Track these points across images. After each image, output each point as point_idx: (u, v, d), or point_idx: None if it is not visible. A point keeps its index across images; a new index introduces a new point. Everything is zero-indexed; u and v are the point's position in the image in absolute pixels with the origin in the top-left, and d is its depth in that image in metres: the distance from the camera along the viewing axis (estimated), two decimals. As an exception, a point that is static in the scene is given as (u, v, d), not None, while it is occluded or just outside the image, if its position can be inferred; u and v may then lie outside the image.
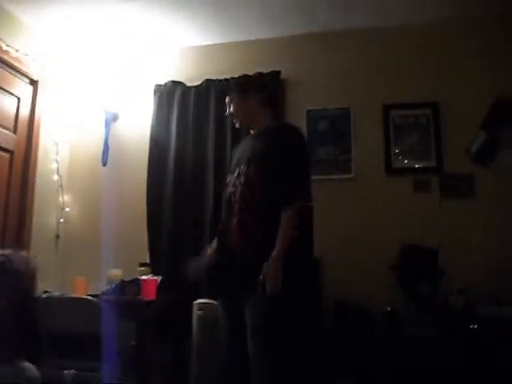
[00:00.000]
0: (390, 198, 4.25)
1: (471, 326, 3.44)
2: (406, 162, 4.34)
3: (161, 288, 4.03)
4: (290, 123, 3.46)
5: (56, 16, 4.46)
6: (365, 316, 3.77)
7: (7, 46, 4.12)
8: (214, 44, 4.88)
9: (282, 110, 4.50)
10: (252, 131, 3.04)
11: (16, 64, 4.26)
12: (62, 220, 4.81)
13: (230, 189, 2.88)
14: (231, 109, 3.04)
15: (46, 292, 3.99)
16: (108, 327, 3.46)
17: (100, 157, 4.86)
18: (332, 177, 4.39)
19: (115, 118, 4.97)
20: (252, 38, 4.76)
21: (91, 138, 4.96)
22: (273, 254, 2.55)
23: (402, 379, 3.42)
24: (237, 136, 4.24)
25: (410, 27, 4.47)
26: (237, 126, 3.06)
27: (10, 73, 4.25)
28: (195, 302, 3.97)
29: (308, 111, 4.54)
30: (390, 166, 4.35)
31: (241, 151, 3.00)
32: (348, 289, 3.89)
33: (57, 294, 3.99)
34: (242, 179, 2.79)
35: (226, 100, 3.09)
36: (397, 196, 4.25)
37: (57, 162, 4.81)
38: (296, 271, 2.64)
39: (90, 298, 3.65)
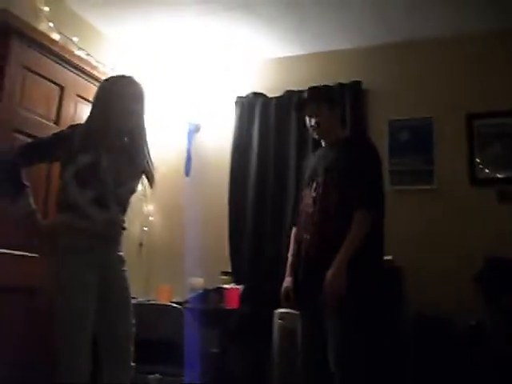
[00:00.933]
0: (473, 208, 4.14)
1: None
2: (490, 172, 4.23)
3: (243, 297, 4.09)
4: (362, 134, 3.58)
5: (138, 28, 4.63)
6: (448, 330, 3.69)
7: (97, 61, 4.28)
8: (295, 55, 4.93)
9: (364, 121, 4.49)
10: (324, 142, 3.09)
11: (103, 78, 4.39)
12: (145, 228, 4.94)
13: (307, 200, 2.92)
14: (315, 119, 3.01)
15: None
16: (191, 334, 3.53)
17: (183, 167, 4.99)
18: (414, 187, 4.34)
19: (197, 129, 5.08)
20: (332, 49, 4.76)
21: (174, 149, 5.08)
22: (333, 264, 2.62)
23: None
24: (318, 146, 4.27)
25: (494, 33, 4.35)
26: (315, 136, 3.09)
27: (96, 85, 4.38)
28: (276, 311, 4.00)
29: (390, 121, 4.50)
30: (474, 176, 4.24)
31: (316, 163, 3.03)
32: (430, 301, 3.81)
33: (141, 300, 4.10)
34: (320, 190, 2.83)
35: (309, 110, 3.05)
36: (481, 207, 4.14)
37: (141, 172, 4.96)
38: (364, 280, 2.66)
39: (175, 305, 3.74)
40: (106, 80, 2.87)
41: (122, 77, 2.82)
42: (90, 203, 2.59)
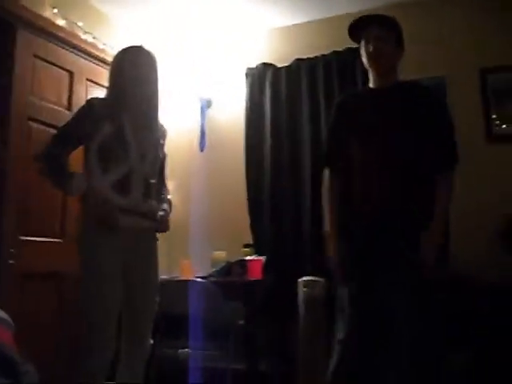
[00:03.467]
0: (491, 166, 4.10)
1: None
2: (507, 128, 4.18)
3: (266, 268, 4.13)
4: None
5: (143, 7, 4.62)
6: (474, 287, 3.68)
7: (104, 44, 4.28)
8: (302, 23, 4.87)
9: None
10: (375, 82, 2.71)
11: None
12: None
13: (368, 150, 2.60)
14: (378, 47, 2.64)
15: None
16: (216, 308, 3.58)
17: (197, 143, 5.01)
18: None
19: (209, 104, 5.08)
20: (339, 14, 4.70)
21: (188, 125, 5.09)
22: (433, 227, 2.41)
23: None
24: (330, 111, 4.28)
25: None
26: (373, 68, 2.68)
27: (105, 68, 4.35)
28: (300, 279, 4.04)
29: (401, 83, 4.44)
30: (490, 133, 4.19)
31: (372, 111, 2.66)
32: (456, 260, 3.80)
33: (165, 277, 4.15)
34: (391, 142, 2.55)
35: (376, 31, 2.66)
36: (499, 164, 4.09)
37: (157, 150, 4.98)
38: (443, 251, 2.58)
39: (198, 279, 3.79)
40: (120, 51, 2.86)
41: (134, 46, 2.84)
42: (111, 189, 2.63)
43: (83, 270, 2.62)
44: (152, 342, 2.86)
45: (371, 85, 2.76)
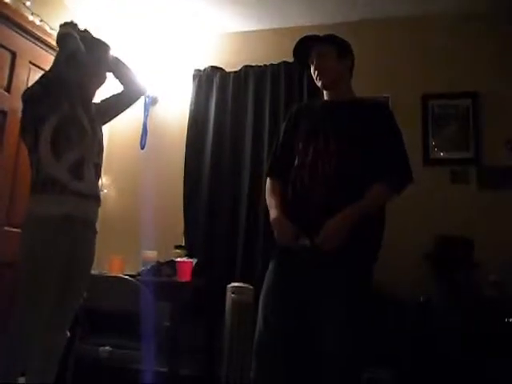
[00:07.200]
0: (426, 188, 4.17)
1: (506, 320, 3.42)
2: (443, 153, 4.31)
3: (196, 270, 4.09)
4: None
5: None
6: (398, 306, 3.75)
7: (51, 28, 4.16)
8: (254, 30, 4.90)
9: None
10: (328, 96, 2.71)
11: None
12: (99, 202, 4.87)
13: (310, 158, 2.53)
14: (319, 63, 2.64)
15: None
16: (144, 307, 3.51)
17: (138, 140, 4.94)
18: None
19: (154, 102, 5.02)
20: (291, 25, 4.74)
21: (130, 122, 5.00)
22: (339, 215, 2.35)
23: (435, 370, 3.39)
24: (275, 121, 4.32)
25: (451, 16, 4.42)
26: (319, 84, 2.67)
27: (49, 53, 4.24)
28: (229, 285, 4.03)
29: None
30: (427, 156, 4.32)
31: (320, 119, 2.64)
32: (382, 278, 3.85)
33: (94, 272, 4.06)
34: (334, 152, 2.48)
35: (315, 52, 2.67)
36: (434, 187, 4.21)
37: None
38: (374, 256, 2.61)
39: (127, 277, 3.72)
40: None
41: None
42: (68, 174, 2.54)
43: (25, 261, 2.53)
44: (69, 334, 2.79)
45: (325, 97, 2.75)
